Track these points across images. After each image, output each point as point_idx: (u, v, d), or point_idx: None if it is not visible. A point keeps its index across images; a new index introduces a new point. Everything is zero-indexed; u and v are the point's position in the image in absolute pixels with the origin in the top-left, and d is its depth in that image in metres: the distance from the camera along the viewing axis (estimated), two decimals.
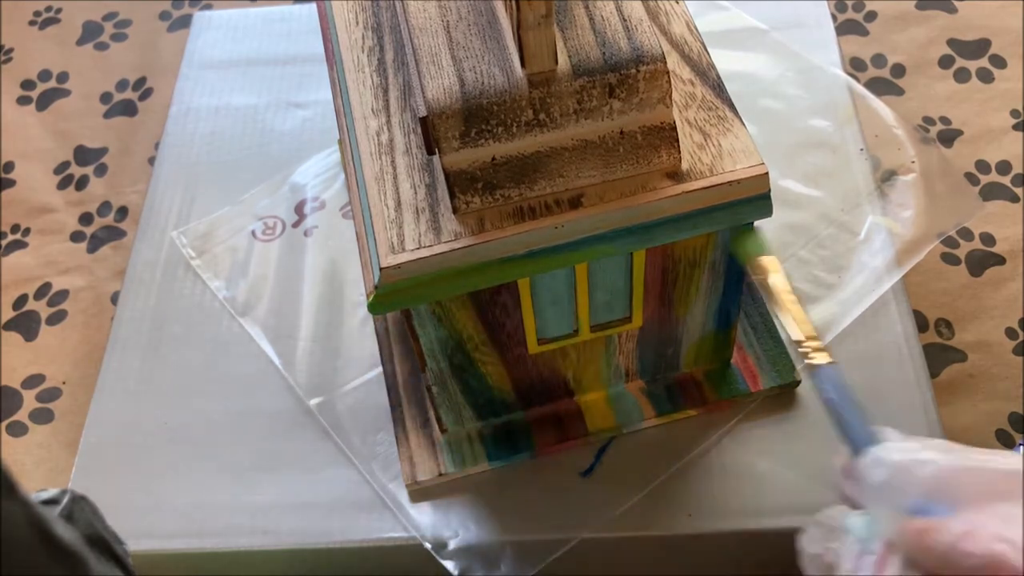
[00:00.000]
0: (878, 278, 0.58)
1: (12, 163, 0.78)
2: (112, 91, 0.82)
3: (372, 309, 0.41)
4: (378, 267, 0.41)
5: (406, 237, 0.41)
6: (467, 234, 0.41)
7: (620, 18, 0.41)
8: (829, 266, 0.59)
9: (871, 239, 0.60)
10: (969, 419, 0.59)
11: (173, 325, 0.60)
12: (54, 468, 0.62)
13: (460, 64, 0.40)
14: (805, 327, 0.41)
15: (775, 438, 0.53)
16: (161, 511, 0.53)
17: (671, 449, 0.53)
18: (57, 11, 0.88)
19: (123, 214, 0.74)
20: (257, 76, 0.73)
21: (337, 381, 0.57)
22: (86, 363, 0.66)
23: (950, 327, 0.62)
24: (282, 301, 0.61)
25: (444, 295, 0.42)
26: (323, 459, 0.54)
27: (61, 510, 0.34)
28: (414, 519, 0.52)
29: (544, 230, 0.41)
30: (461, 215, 0.41)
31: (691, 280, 0.47)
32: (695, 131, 0.43)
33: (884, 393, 0.54)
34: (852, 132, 0.65)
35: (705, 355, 0.53)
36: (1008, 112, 0.72)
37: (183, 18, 0.86)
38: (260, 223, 0.65)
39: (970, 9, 0.78)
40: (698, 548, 0.52)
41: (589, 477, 0.52)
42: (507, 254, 0.41)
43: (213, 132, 0.70)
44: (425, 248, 0.41)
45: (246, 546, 0.52)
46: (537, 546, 0.51)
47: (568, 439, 0.53)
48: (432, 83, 0.40)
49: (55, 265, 0.71)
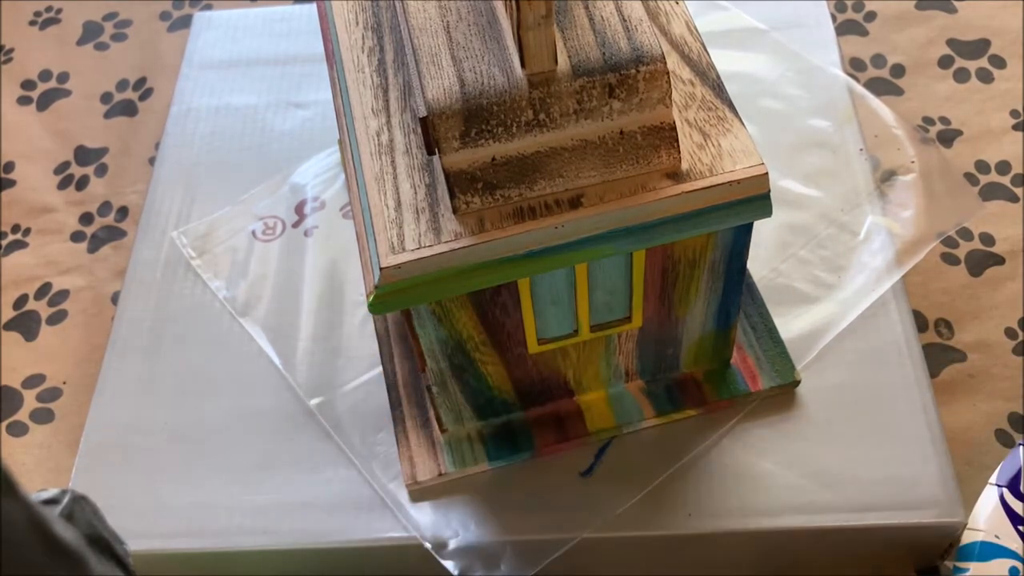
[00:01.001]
0: (878, 278, 0.58)
1: (12, 163, 0.78)
2: (112, 91, 0.82)
3: (372, 309, 0.41)
4: (378, 267, 0.41)
5: (406, 237, 0.41)
6: (467, 234, 0.41)
7: (620, 18, 0.41)
8: (829, 266, 0.59)
9: (871, 239, 0.60)
10: (969, 419, 0.59)
11: (173, 325, 0.61)
12: (54, 468, 0.61)
13: (460, 64, 0.40)
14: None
15: (775, 438, 0.53)
16: (161, 511, 0.53)
17: (671, 449, 0.53)
18: (57, 11, 0.88)
19: (123, 214, 0.74)
20: (257, 76, 0.73)
21: (337, 381, 0.57)
22: (86, 363, 0.66)
23: (950, 327, 0.62)
24: (282, 301, 0.61)
25: (444, 295, 0.42)
26: (323, 459, 0.54)
27: (61, 510, 0.34)
28: (414, 519, 0.52)
29: (544, 230, 0.41)
30: (461, 215, 0.41)
31: (691, 280, 0.47)
32: (695, 131, 0.43)
33: (884, 393, 0.54)
34: (852, 132, 0.65)
35: (705, 355, 0.53)
36: (1008, 112, 0.72)
37: (183, 18, 0.86)
38: (260, 223, 0.65)
39: (970, 9, 0.78)
40: (698, 548, 0.52)
41: (589, 477, 0.52)
42: (507, 254, 0.41)
43: (213, 132, 0.70)
44: (425, 248, 0.41)
45: (246, 546, 0.52)
46: (537, 546, 0.51)
47: (568, 439, 0.53)
48: (432, 83, 0.40)
49: (55, 265, 0.71)
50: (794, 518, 0.51)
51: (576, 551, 0.51)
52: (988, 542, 0.49)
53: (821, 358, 0.55)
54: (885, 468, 0.52)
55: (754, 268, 0.59)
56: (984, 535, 0.50)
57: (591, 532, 0.51)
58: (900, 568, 0.54)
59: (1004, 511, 0.50)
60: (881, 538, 0.51)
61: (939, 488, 0.51)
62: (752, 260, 0.57)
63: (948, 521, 0.50)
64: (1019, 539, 0.50)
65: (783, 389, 0.54)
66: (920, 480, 0.51)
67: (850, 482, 0.51)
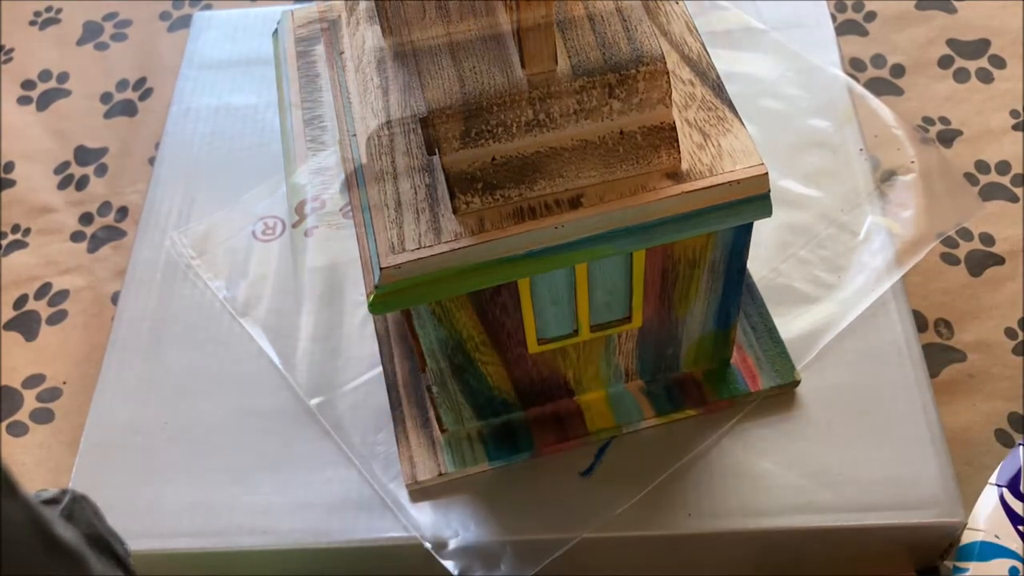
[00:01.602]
0: (878, 278, 0.58)
1: (12, 163, 0.78)
2: (112, 91, 0.82)
3: (372, 309, 0.41)
4: (378, 267, 0.41)
5: (406, 237, 0.41)
6: (467, 234, 0.41)
7: (620, 18, 0.41)
8: (829, 266, 0.59)
9: (871, 239, 0.60)
10: (969, 419, 0.59)
11: (173, 325, 0.61)
12: (54, 468, 0.61)
13: (460, 64, 0.40)
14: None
15: (775, 438, 0.53)
16: (161, 511, 0.53)
17: (671, 449, 0.53)
18: (57, 11, 0.88)
19: (123, 214, 0.74)
20: (257, 76, 0.73)
21: (337, 381, 0.57)
22: (86, 363, 0.66)
23: (950, 327, 0.62)
24: (282, 301, 0.61)
25: (444, 295, 0.42)
26: (323, 459, 0.54)
27: (61, 510, 0.34)
28: (414, 519, 0.52)
29: (544, 230, 0.41)
30: (461, 215, 0.41)
31: (691, 280, 0.47)
32: (695, 131, 0.43)
33: (884, 393, 0.54)
34: (852, 132, 0.65)
35: (705, 355, 0.53)
36: (1008, 112, 0.72)
37: (183, 18, 0.86)
38: (260, 223, 0.65)
39: (970, 9, 0.78)
40: (698, 548, 0.52)
41: (589, 477, 0.52)
42: (507, 254, 0.41)
43: (213, 132, 0.70)
44: (425, 248, 0.41)
45: (246, 546, 0.52)
46: (537, 546, 0.51)
47: (568, 439, 0.53)
48: (432, 83, 0.40)
49: (55, 265, 0.71)
50: (794, 518, 0.51)
51: (576, 551, 0.51)
52: (988, 542, 0.49)
53: (821, 358, 0.55)
54: (885, 468, 0.52)
55: (754, 268, 0.59)
56: (984, 535, 0.50)
57: (591, 532, 0.51)
58: (900, 568, 0.54)
59: (1004, 511, 0.50)
60: (881, 538, 0.51)
61: (939, 488, 0.51)
62: (752, 260, 0.57)
63: (948, 521, 0.50)
64: (1019, 539, 0.50)
65: (783, 389, 0.54)
66: (920, 480, 0.51)
67: (850, 482, 0.51)
